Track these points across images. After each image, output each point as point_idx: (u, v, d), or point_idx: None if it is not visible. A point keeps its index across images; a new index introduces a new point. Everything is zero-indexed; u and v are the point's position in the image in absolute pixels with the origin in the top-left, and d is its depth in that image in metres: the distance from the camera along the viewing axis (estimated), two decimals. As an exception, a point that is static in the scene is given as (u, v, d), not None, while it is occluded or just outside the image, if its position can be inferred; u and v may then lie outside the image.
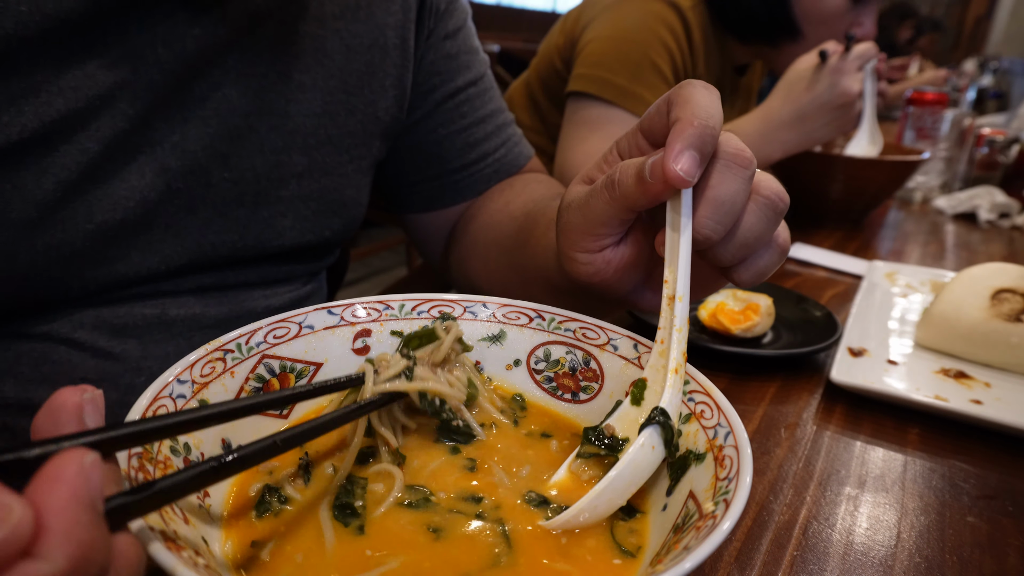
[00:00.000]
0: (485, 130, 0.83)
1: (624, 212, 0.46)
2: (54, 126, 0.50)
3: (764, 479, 0.55)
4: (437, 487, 0.42)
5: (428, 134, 0.80)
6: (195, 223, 0.60)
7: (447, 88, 0.79)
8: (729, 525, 0.31)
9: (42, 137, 0.50)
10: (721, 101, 0.44)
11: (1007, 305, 0.75)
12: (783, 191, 0.45)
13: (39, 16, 0.47)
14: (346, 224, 0.73)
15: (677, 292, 0.44)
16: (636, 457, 0.39)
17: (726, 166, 0.43)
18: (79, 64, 0.50)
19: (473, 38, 0.84)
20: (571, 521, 0.38)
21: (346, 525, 0.38)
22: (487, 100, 0.84)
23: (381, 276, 3.66)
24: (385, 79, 0.71)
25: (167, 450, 0.36)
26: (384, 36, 0.70)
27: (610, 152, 0.51)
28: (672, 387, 0.42)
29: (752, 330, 0.75)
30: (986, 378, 0.72)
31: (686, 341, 0.44)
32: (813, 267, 1.08)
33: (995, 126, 1.87)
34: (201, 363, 0.42)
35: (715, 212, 0.43)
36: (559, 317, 0.53)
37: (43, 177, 0.51)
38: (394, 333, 0.52)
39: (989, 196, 1.49)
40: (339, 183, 0.70)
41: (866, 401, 0.67)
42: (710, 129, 0.41)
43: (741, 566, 0.45)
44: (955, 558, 0.47)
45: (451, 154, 0.82)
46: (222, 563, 0.34)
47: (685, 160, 0.41)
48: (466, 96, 0.81)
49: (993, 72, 3.72)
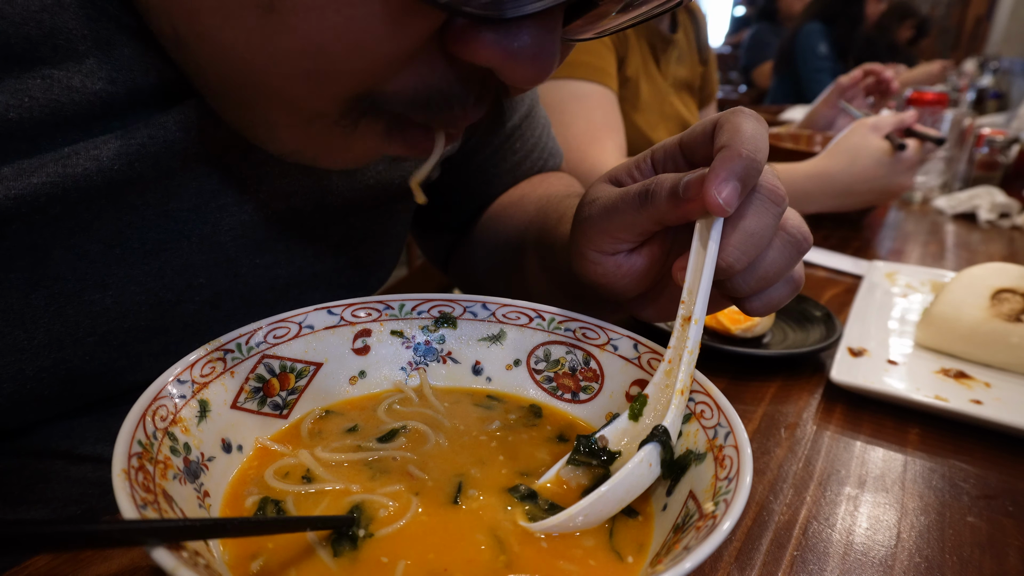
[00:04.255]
0: (531, 160, 0.81)
1: (650, 224, 0.46)
2: (45, 232, 0.41)
3: (764, 479, 0.54)
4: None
5: (479, 173, 0.78)
6: (216, 318, 0.53)
7: (506, 129, 0.77)
8: (729, 525, 0.31)
9: (30, 245, 0.41)
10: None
11: (1007, 305, 0.75)
12: (808, 232, 0.46)
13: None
14: (380, 281, 0.68)
15: (694, 315, 0.43)
16: (634, 472, 0.39)
17: (761, 200, 0.43)
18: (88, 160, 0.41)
19: None
20: (558, 527, 0.38)
21: (338, 555, 0.36)
22: (535, 125, 0.81)
23: (381, 276, 3.65)
24: None
25: (167, 450, 0.36)
26: None
27: (643, 159, 0.50)
28: (676, 407, 0.42)
29: (752, 330, 0.75)
30: (986, 378, 0.72)
31: (695, 364, 0.43)
32: (813, 267, 1.08)
33: (995, 126, 1.87)
34: (201, 363, 0.42)
35: (743, 243, 0.42)
36: (559, 317, 0.53)
37: (33, 293, 0.43)
38: (394, 333, 0.52)
39: (989, 196, 1.49)
40: (380, 243, 0.64)
41: (866, 401, 0.67)
42: (756, 164, 0.41)
43: (741, 566, 0.45)
44: (955, 558, 0.47)
45: (498, 188, 0.80)
46: (223, 563, 0.34)
47: (728, 190, 0.40)
48: (520, 131, 0.79)
49: (993, 72, 3.72)
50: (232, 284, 0.53)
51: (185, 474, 0.37)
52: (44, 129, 0.40)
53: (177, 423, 0.39)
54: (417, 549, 0.37)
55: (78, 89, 0.40)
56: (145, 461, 0.34)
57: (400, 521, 0.38)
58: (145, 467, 0.33)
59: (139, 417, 0.36)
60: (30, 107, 0.38)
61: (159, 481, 0.34)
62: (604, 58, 1.28)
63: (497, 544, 0.37)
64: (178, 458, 0.37)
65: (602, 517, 0.39)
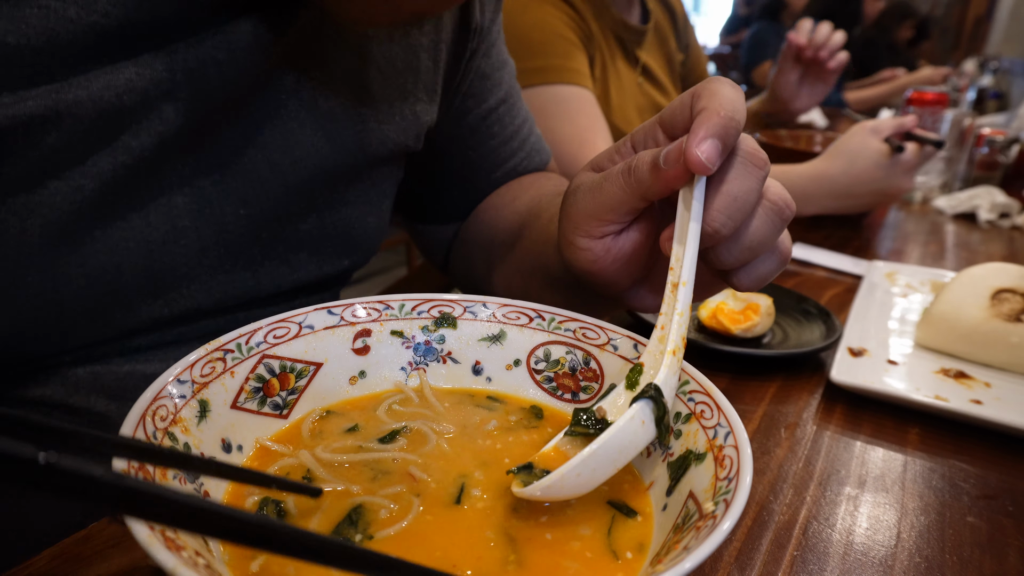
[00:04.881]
0: (512, 147, 0.82)
1: (636, 200, 0.46)
2: (45, 161, 0.44)
3: (764, 479, 0.55)
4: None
5: (458, 156, 0.79)
6: (204, 265, 0.56)
7: (480, 110, 0.78)
8: (729, 525, 0.31)
9: (26, 174, 0.44)
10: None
11: (1007, 305, 0.75)
12: (791, 199, 0.46)
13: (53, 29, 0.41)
14: (366, 253, 0.70)
15: (682, 278, 0.44)
16: (625, 428, 0.39)
17: (743, 163, 0.43)
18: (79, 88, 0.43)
19: (503, 49, 0.81)
20: (551, 488, 0.37)
21: None
22: (515, 114, 0.82)
23: (381, 276, 3.66)
24: (416, 104, 0.67)
25: (167, 450, 0.36)
26: (418, 59, 0.66)
27: (623, 143, 0.51)
28: (668, 367, 0.41)
29: (752, 330, 0.75)
30: (986, 378, 0.72)
31: (687, 326, 0.44)
32: (813, 267, 1.08)
33: (995, 126, 1.86)
34: (201, 363, 0.42)
35: (728, 207, 0.43)
36: (559, 317, 0.53)
37: (28, 219, 0.45)
38: (394, 333, 0.52)
39: (989, 196, 1.49)
40: (362, 211, 0.67)
41: (866, 401, 0.67)
42: (735, 122, 0.42)
43: (741, 566, 0.45)
44: (955, 558, 0.47)
45: (479, 175, 0.81)
46: (223, 563, 0.34)
47: (708, 147, 0.41)
48: (497, 116, 0.79)
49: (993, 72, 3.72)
50: (217, 235, 0.55)
51: (185, 474, 0.37)
52: (41, 57, 0.42)
53: (177, 423, 0.39)
54: (423, 547, 0.37)
55: (73, 20, 0.42)
56: (145, 461, 0.34)
57: (402, 522, 0.38)
58: (145, 467, 0.33)
59: (139, 417, 0.36)
60: (27, 34, 0.40)
61: (159, 481, 0.34)
62: (575, 59, 1.27)
63: (508, 541, 0.37)
64: (178, 458, 0.37)
65: (596, 478, 0.38)
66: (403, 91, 0.65)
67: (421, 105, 0.68)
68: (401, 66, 0.65)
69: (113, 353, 0.54)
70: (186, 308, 0.56)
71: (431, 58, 0.68)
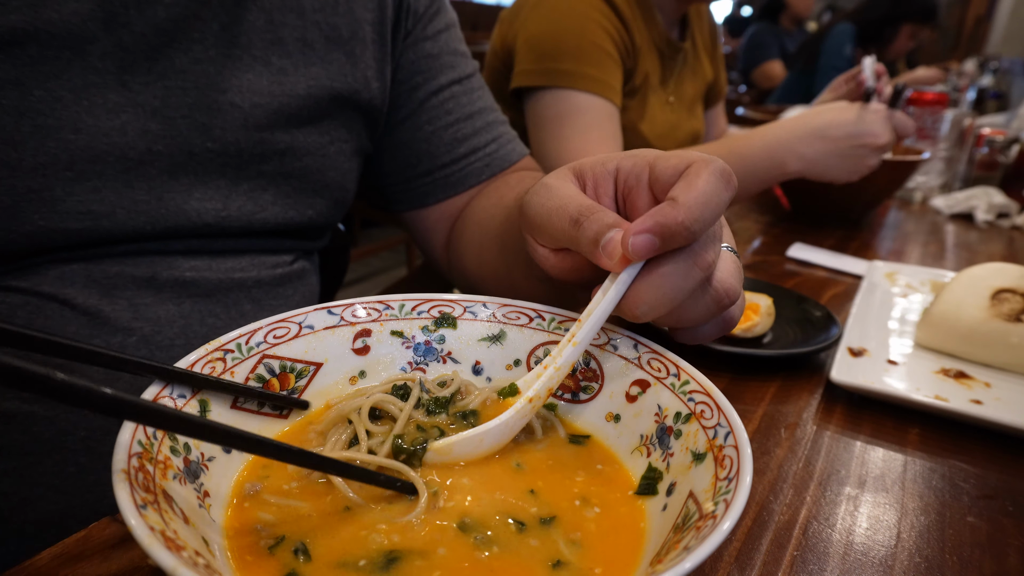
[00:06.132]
0: (473, 126, 0.85)
1: (576, 248, 0.46)
2: (25, 71, 0.52)
3: (764, 479, 0.55)
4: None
5: (416, 131, 0.83)
6: (177, 188, 0.62)
7: (431, 86, 0.82)
8: (729, 525, 0.31)
9: (15, 80, 0.52)
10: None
11: (1007, 305, 0.75)
12: (733, 290, 0.44)
13: None
14: (330, 207, 0.76)
15: (576, 337, 0.45)
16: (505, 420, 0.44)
17: (685, 262, 0.41)
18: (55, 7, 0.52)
19: (458, 43, 0.86)
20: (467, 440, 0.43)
21: None
22: (475, 98, 0.86)
23: (381, 276, 3.66)
24: (367, 70, 0.75)
25: (167, 450, 0.36)
26: (362, 30, 0.74)
27: (610, 160, 0.48)
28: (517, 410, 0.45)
29: (752, 330, 0.75)
30: (986, 378, 0.72)
31: (557, 382, 0.46)
32: (813, 267, 1.08)
33: (995, 126, 1.86)
34: (201, 363, 0.42)
35: (652, 298, 0.42)
36: (559, 317, 0.53)
37: (21, 119, 0.53)
38: (394, 333, 0.52)
39: (986, 197, 1.49)
40: (321, 164, 0.73)
41: (866, 401, 0.67)
42: (687, 232, 0.39)
43: (741, 566, 0.45)
44: (955, 558, 0.47)
45: (440, 150, 0.84)
46: (223, 563, 0.34)
47: (642, 241, 0.40)
48: (451, 93, 0.83)
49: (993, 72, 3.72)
50: (186, 161, 0.62)
51: (185, 474, 0.37)
52: None
53: (177, 423, 0.38)
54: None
55: None
56: (145, 461, 0.34)
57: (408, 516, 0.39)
58: (145, 467, 0.33)
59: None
60: None
61: (159, 481, 0.34)
62: (610, 72, 1.26)
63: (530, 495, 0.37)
64: (178, 458, 0.37)
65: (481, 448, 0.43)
66: (352, 56, 0.73)
67: (371, 72, 0.75)
68: (347, 35, 0.72)
69: (103, 256, 0.60)
70: (164, 226, 0.62)
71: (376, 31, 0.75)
